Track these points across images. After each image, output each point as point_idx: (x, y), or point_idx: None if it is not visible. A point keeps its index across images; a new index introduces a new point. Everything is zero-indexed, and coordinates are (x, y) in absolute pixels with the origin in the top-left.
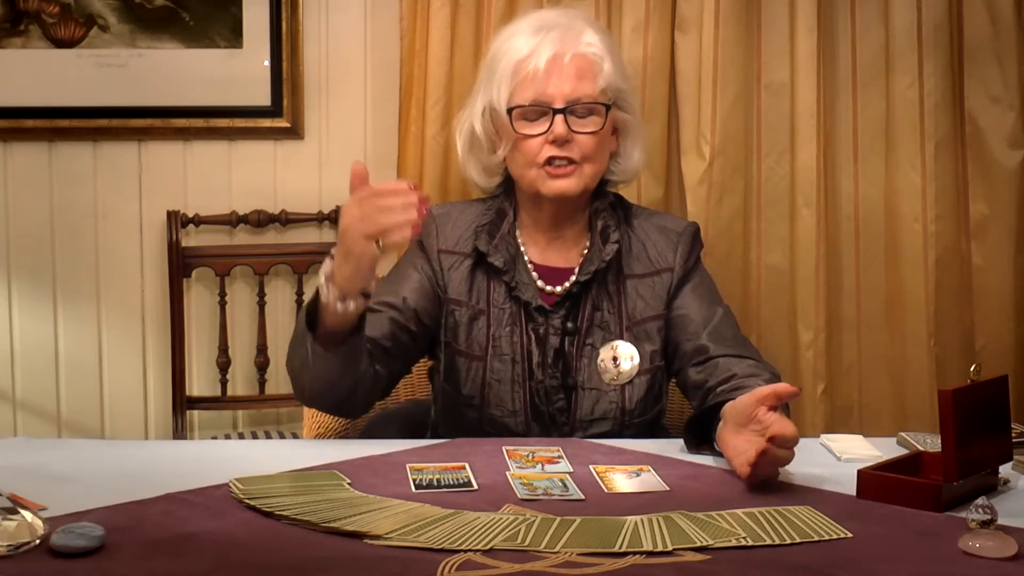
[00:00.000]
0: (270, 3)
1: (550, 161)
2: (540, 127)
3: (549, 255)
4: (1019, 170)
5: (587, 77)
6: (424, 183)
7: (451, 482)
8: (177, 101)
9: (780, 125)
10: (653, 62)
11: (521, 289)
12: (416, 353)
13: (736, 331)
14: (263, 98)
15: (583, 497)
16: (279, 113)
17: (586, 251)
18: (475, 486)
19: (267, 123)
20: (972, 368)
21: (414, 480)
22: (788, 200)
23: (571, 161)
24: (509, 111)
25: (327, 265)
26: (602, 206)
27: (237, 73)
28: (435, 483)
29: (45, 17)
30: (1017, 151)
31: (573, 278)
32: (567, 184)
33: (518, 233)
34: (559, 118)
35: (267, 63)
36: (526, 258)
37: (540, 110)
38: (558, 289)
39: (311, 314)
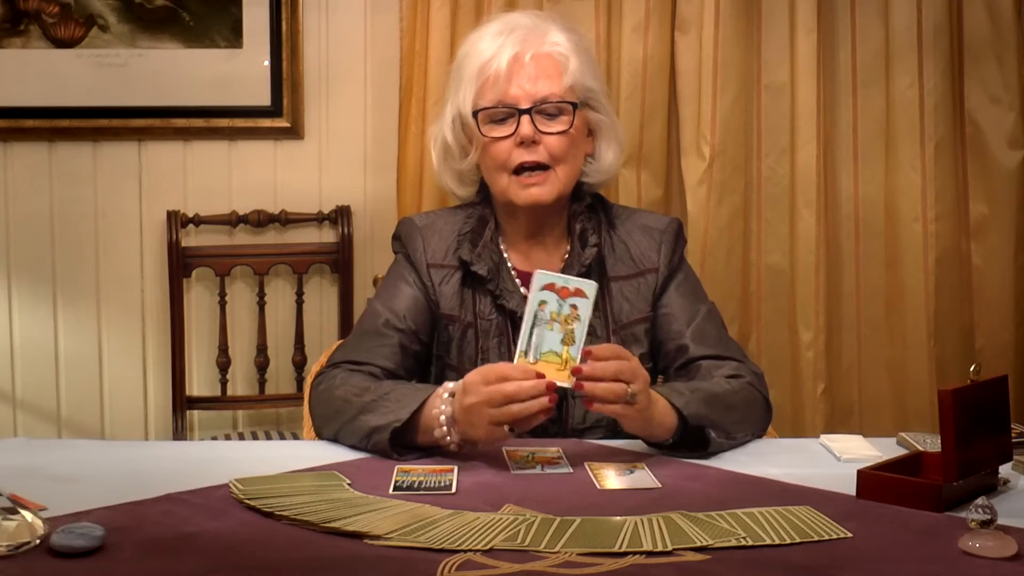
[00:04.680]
0: (270, 3)
1: (521, 169)
2: (507, 129)
3: (531, 261)
4: (1019, 170)
5: (551, 76)
6: (424, 183)
7: (431, 484)
8: (177, 101)
9: (780, 125)
10: (653, 62)
11: (506, 297)
12: (420, 374)
13: (720, 329)
14: (263, 98)
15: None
16: (279, 113)
17: (567, 255)
18: (453, 490)
19: (267, 123)
20: (972, 368)
21: (396, 482)
22: (788, 200)
23: (541, 166)
24: (475, 114)
25: (447, 406)
26: (580, 209)
27: (237, 73)
28: (415, 485)
29: (45, 17)
30: (1017, 151)
31: None
32: (540, 192)
33: (500, 240)
34: (525, 119)
35: (267, 63)
36: (509, 265)
37: (506, 112)
38: None
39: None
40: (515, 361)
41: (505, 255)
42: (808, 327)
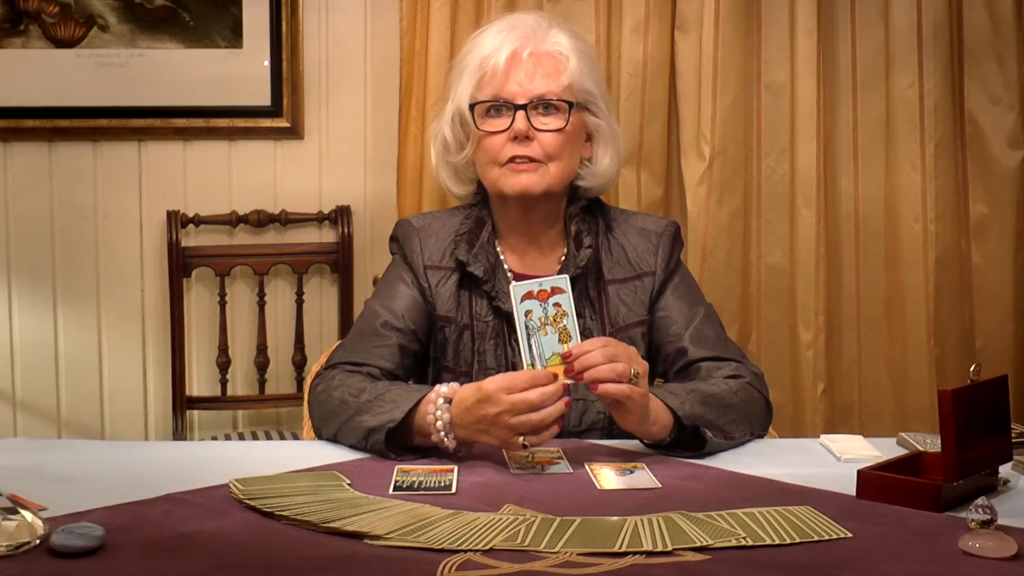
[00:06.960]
0: (270, 3)
1: (512, 160)
2: (502, 124)
3: (527, 263)
4: (1019, 170)
5: (549, 74)
6: (424, 183)
7: (431, 484)
8: (177, 101)
9: (780, 125)
10: (653, 62)
11: (502, 299)
12: (418, 375)
13: (718, 331)
14: (263, 98)
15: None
16: (279, 113)
17: (563, 258)
18: (453, 490)
19: (267, 123)
20: (972, 368)
21: (396, 482)
22: (788, 200)
23: (533, 160)
24: (472, 107)
25: (443, 411)
26: (575, 211)
27: (237, 73)
28: (415, 485)
29: (45, 17)
30: (1017, 151)
31: None
32: (528, 181)
33: (497, 242)
34: (520, 114)
35: (267, 63)
36: (506, 267)
37: (502, 106)
38: None
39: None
40: None
41: (501, 257)
42: (808, 327)
